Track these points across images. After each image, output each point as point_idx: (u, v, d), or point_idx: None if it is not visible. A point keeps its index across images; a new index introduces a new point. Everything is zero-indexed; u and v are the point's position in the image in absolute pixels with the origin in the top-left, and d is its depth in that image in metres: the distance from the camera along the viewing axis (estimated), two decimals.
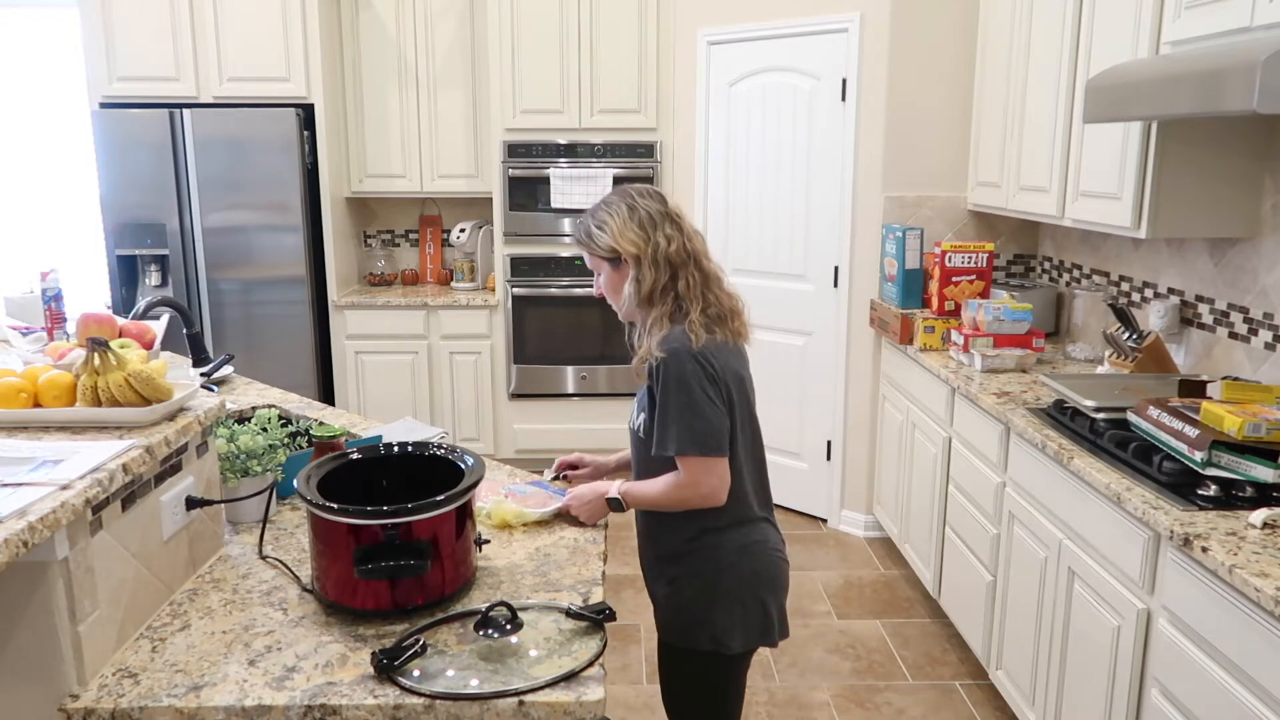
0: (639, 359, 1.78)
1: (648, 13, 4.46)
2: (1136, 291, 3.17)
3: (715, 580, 1.78)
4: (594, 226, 1.80)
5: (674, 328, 1.74)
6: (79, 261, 5.02)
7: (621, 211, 1.79)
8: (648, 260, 1.76)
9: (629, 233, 1.77)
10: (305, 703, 1.28)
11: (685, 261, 1.78)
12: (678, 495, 1.74)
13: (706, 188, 4.42)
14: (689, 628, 1.79)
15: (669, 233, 1.78)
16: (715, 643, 1.78)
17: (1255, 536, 1.74)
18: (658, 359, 1.71)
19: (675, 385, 1.69)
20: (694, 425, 1.69)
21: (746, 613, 1.79)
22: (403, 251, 5.30)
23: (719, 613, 1.77)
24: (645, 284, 1.76)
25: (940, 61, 3.79)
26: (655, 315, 1.77)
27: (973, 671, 3.06)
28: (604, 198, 1.85)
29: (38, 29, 5.15)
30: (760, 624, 1.81)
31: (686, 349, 1.70)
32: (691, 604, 1.79)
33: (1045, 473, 2.43)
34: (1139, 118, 2.27)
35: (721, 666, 1.82)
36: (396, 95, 4.78)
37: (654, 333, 1.75)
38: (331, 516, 1.47)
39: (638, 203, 1.80)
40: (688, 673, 1.84)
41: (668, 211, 1.81)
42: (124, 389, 1.54)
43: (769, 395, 4.35)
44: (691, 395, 1.69)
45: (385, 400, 4.78)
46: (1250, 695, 1.60)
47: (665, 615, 1.85)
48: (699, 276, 1.79)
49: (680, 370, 1.69)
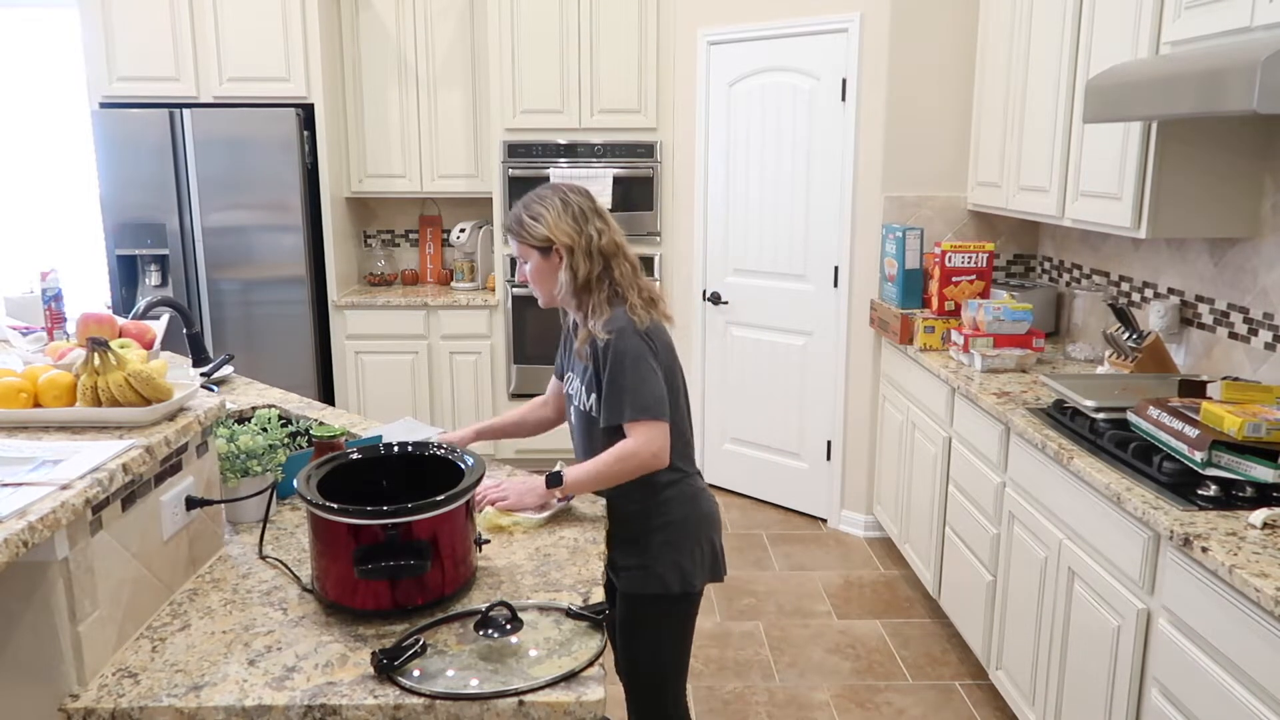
0: (581, 341, 1.92)
1: (648, 13, 4.46)
2: (1136, 291, 3.17)
3: (680, 527, 1.97)
4: (528, 217, 1.92)
5: (615, 310, 1.90)
6: (79, 261, 5.02)
7: (555, 204, 1.92)
8: (581, 251, 1.90)
9: (564, 224, 1.90)
10: (305, 703, 1.28)
11: (616, 252, 1.94)
12: (627, 462, 1.86)
13: (706, 188, 4.42)
14: (660, 575, 1.95)
15: (599, 226, 1.93)
16: (684, 583, 1.96)
17: (1255, 536, 1.74)
18: (603, 339, 1.86)
19: (624, 360, 1.85)
20: (642, 393, 1.85)
21: (703, 553, 2.00)
22: (403, 251, 5.30)
23: (684, 556, 1.96)
24: (580, 273, 1.90)
25: (940, 61, 3.79)
26: (594, 301, 1.91)
27: (973, 671, 3.06)
28: (534, 191, 1.97)
29: (38, 29, 5.15)
30: (712, 562, 2.03)
31: (632, 328, 1.87)
32: (660, 553, 1.95)
33: (1045, 473, 2.43)
34: (1139, 118, 2.27)
35: (687, 605, 2.01)
36: (396, 95, 4.79)
37: (596, 316, 1.89)
38: (331, 516, 1.47)
39: (570, 198, 1.94)
40: (659, 618, 1.99)
41: (595, 208, 1.96)
42: (124, 389, 1.54)
43: (769, 395, 4.37)
44: (639, 368, 1.85)
45: (385, 400, 4.78)
46: (1250, 695, 1.60)
47: (635, 571, 1.97)
48: (629, 267, 1.95)
49: (628, 347, 1.85)
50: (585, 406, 1.97)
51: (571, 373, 2.05)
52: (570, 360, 2.06)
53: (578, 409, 2.01)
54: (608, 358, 1.86)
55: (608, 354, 1.86)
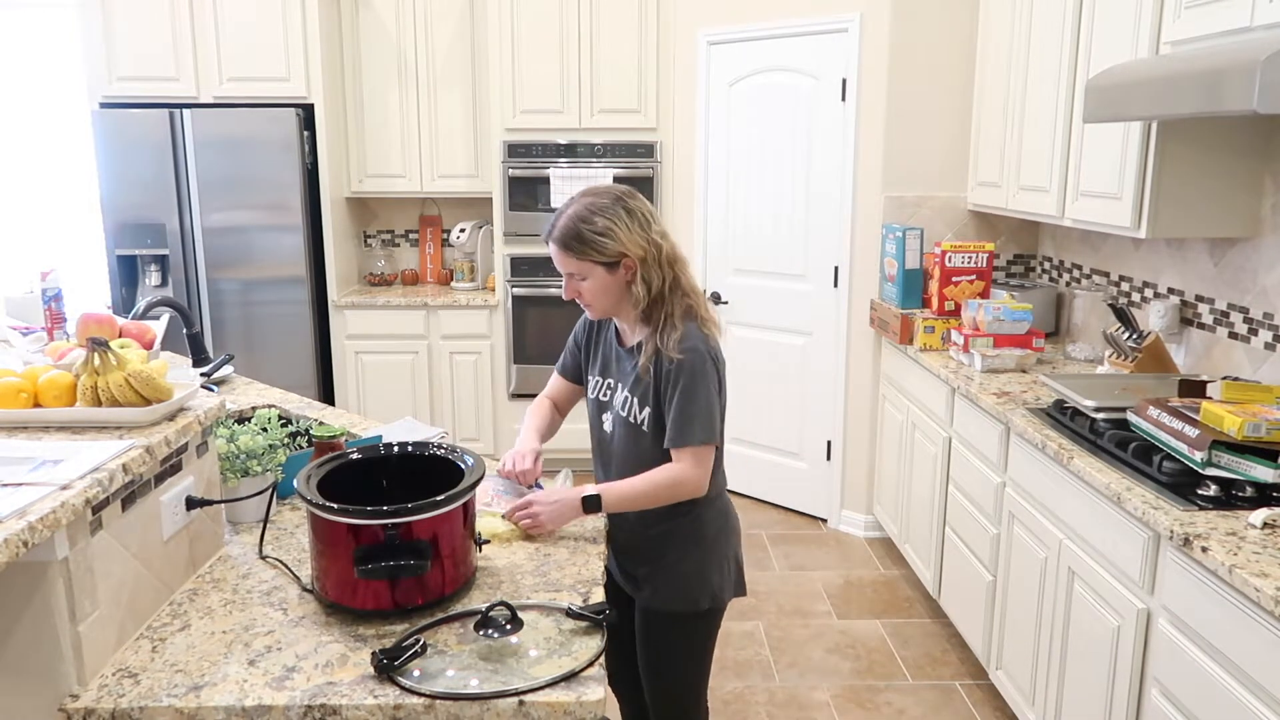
0: (647, 356, 1.80)
1: (648, 13, 4.46)
2: (1136, 291, 3.17)
3: (712, 545, 1.92)
4: (591, 231, 1.77)
5: (688, 325, 1.81)
6: (79, 261, 5.02)
7: (621, 215, 1.78)
8: (654, 261, 1.79)
9: (636, 235, 1.78)
10: (305, 703, 1.28)
11: (678, 258, 1.84)
12: (675, 489, 1.81)
13: (706, 188, 4.42)
14: (691, 592, 1.91)
15: (660, 230, 1.83)
16: (714, 600, 1.93)
17: (1255, 536, 1.74)
18: (676, 359, 1.77)
19: (697, 383, 1.78)
20: (707, 420, 1.79)
21: (730, 568, 1.96)
22: (403, 251, 5.30)
23: (714, 572, 1.92)
24: (654, 285, 1.79)
25: (940, 61, 3.79)
26: (667, 313, 1.80)
27: (973, 671, 3.06)
28: (589, 201, 1.80)
29: (38, 29, 5.15)
30: (737, 577, 2.00)
31: (707, 349, 1.80)
32: (692, 571, 1.91)
33: (1045, 473, 2.43)
34: (1139, 118, 2.27)
35: (714, 620, 1.98)
36: (396, 95, 4.78)
37: (669, 331, 1.79)
38: (331, 516, 1.47)
39: (630, 204, 1.81)
40: (689, 634, 1.95)
41: (652, 211, 1.85)
42: (124, 389, 1.54)
43: (769, 395, 4.36)
44: (709, 393, 1.79)
45: (385, 400, 4.78)
46: (1250, 695, 1.60)
47: (665, 587, 1.92)
48: (690, 274, 1.87)
49: (701, 369, 1.78)
50: (637, 420, 1.86)
51: (611, 379, 1.93)
52: (607, 366, 1.95)
53: (624, 420, 1.89)
54: (679, 378, 1.77)
55: (679, 374, 1.77)
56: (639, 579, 1.95)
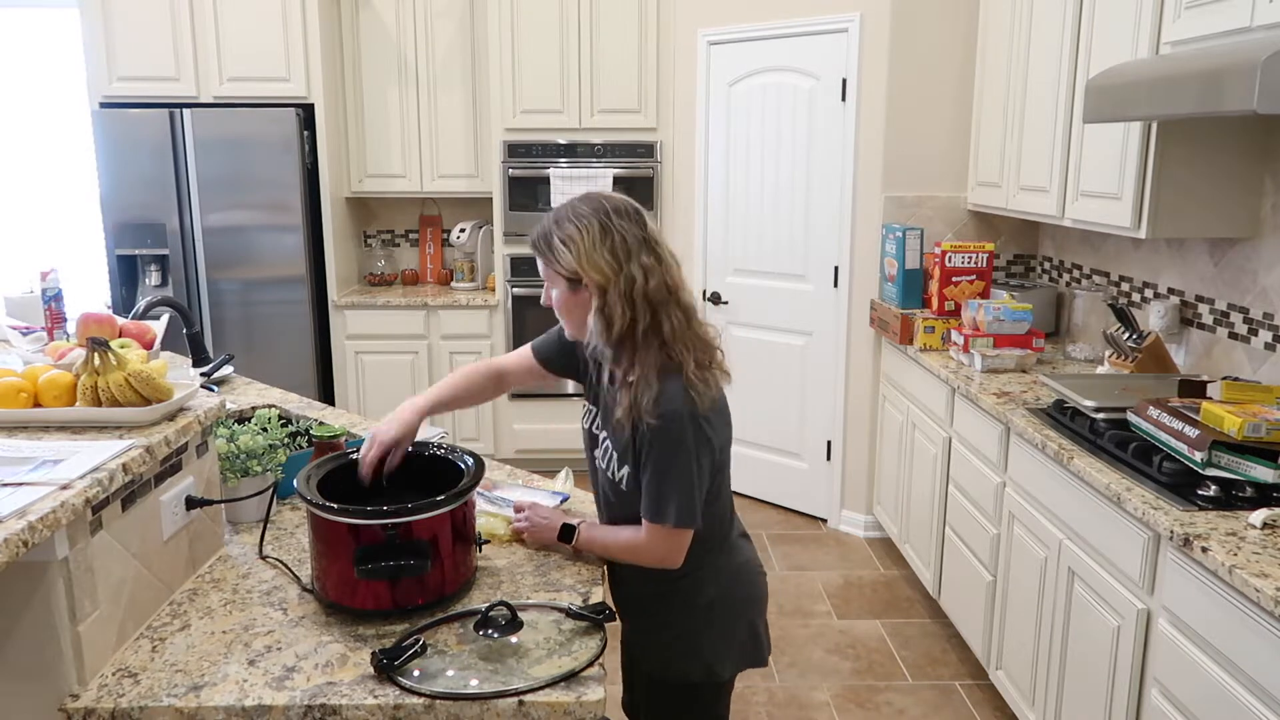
0: (624, 411, 1.55)
1: (648, 13, 4.46)
2: (1136, 291, 3.17)
3: (707, 613, 1.68)
4: (557, 240, 1.55)
5: (669, 383, 1.53)
6: (79, 261, 5.02)
7: (593, 230, 1.53)
8: (618, 294, 1.52)
9: (598, 258, 1.52)
10: (305, 703, 1.28)
11: (666, 300, 1.55)
12: (637, 557, 1.64)
13: (706, 188, 4.42)
14: (678, 661, 1.70)
15: (646, 263, 1.54)
16: (708, 673, 1.70)
17: (1255, 537, 1.74)
18: (653, 425, 1.51)
19: (673, 457, 1.53)
20: (682, 501, 1.55)
21: (736, 638, 1.72)
22: (403, 251, 5.30)
23: (711, 643, 1.69)
24: (616, 322, 1.52)
25: (940, 61, 3.79)
26: (638, 360, 1.55)
27: (973, 671, 3.06)
28: (573, 205, 1.58)
29: (38, 29, 5.15)
30: (750, 647, 1.75)
31: (689, 413, 1.52)
32: (682, 639, 1.69)
33: (1045, 473, 2.43)
34: (1139, 118, 2.27)
35: (712, 694, 1.75)
36: (396, 95, 4.78)
37: (644, 389, 1.52)
38: (331, 516, 1.47)
39: (612, 223, 1.54)
40: (679, 705, 1.76)
41: (646, 237, 1.56)
42: (124, 389, 1.54)
43: (769, 395, 4.36)
44: (688, 467, 1.54)
45: (385, 400, 4.78)
46: (1250, 695, 1.60)
47: (652, 650, 1.74)
48: (682, 317, 1.57)
49: (682, 438, 1.52)
50: (616, 477, 1.65)
51: (600, 413, 1.71)
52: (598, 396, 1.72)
53: (606, 476, 1.69)
54: (654, 445, 1.53)
55: (655, 441, 1.53)
56: (627, 634, 1.80)
